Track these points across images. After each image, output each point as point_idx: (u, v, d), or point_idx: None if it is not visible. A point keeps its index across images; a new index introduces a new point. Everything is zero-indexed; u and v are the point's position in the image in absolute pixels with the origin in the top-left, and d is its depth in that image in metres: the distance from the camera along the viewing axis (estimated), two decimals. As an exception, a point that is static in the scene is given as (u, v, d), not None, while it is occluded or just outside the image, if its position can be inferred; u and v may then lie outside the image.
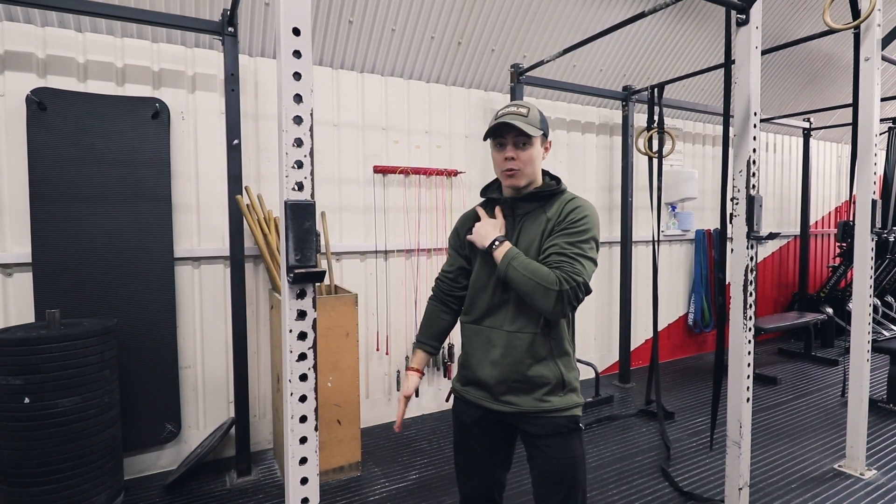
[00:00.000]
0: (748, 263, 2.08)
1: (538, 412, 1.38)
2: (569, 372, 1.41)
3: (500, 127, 1.38)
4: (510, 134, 1.39)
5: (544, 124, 1.43)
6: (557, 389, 1.38)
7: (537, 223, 1.40)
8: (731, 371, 2.14)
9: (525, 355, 1.36)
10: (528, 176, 1.41)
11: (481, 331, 1.43)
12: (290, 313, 1.15)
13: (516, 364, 1.37)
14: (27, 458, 1.93)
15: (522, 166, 1.39)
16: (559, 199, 1.42)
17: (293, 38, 1.13)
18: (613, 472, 2.68)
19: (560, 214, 1.37)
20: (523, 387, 1.38)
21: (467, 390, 1.48)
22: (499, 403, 1.41)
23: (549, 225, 1.38)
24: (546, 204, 1.43)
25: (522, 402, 1.38)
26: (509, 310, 1.39)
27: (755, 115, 2.02)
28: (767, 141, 5.46)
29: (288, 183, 1.13)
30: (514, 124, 1.35)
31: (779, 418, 3.38)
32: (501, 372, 1.38)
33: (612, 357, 4.35)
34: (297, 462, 1.18)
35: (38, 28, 2.40)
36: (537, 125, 1.40)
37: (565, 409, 1.39)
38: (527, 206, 1.44)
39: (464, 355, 1.50)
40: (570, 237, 1.32)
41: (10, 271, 2.39)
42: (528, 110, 1.40)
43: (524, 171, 1.40)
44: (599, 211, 4.23)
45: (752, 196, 2.05)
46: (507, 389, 1.39)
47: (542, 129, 1.41)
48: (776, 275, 5.72)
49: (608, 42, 3.74)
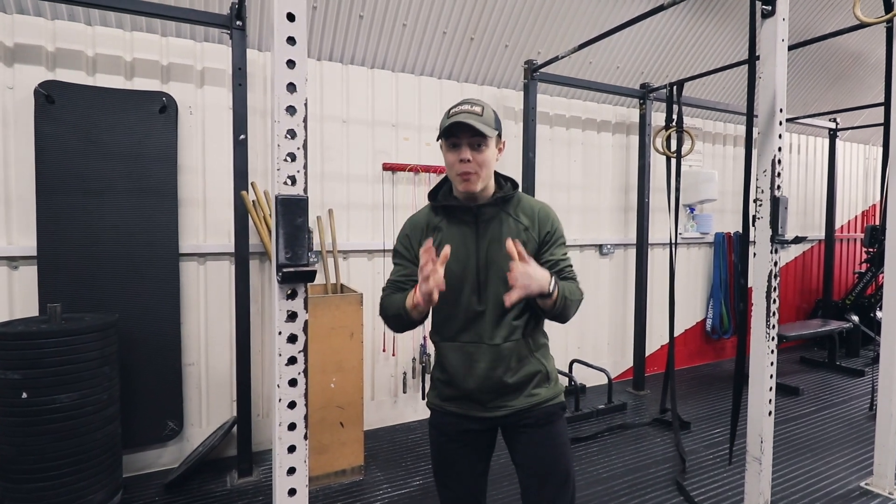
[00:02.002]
0: (772, 268, 1.97)
1: (530, 407, 1.40)
2: (549, 362, 1.46)
3: (455, 126, 1.30)
4: (465, 134, 1.31)
5: (498, 123, 1.38)
6: (543, 381, 1.43)
7: (508, 228, 1.37)
8: (753, 382, 2.03)
9: (510, 360, 1.38)
10: (483, 179, 1.35)
11: (460, 347, 1.39)
12: (279, 314, 1.09)
13: (504, 373, 1.37)
14: (24, 453, 1.91)
15: (478, 169, 1.33)
16: (523, 204, 1.42)
17: (287, 24, 1.07)
18: (625, 485, 2.57)
19: (542, 225, 1.39)
20: (512, 388, 1.39)
21: (449, 404, 1.44)
22: (490, 410, 1.40)
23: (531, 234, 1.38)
24: (506, 206, 1.40)
25: (515, 402, 1.40)
26: (486, 323, 1.36)
27: (781, 111, 1.91)
28: (791, 142, 5.27)
29: (279, 177, 1.07)
30: (468, 123, 1.28)
31: (801, 431, 3.23)
32: (488, 383, 1.37)
33: (626, 363, 4.23)
34: (286, 472, 1.12)
35: (48, 21, 2.39)
36: (492, 125, 1.34)
37: (553, 397, 1.44)
38: (490, 210, 1.39)
39: (441, 373, 1.45)
40: (563, 248, 1.41)
41: (15, 264, 2.38)
42: (482, 108, 1.33)
43: (480, 174, 1.33)
44: (614, 212, 4.14)
45: (777, 197, 1.95)
46: (497, 396, 1.39)
47: (496, 129, 1.36)
48: (799, 280, 5.53)
49: (625, 38, 3.63)
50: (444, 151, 1.36)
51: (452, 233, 1.38)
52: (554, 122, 3.82)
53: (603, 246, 4.09)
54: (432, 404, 1.49)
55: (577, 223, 3.97)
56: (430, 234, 1.40)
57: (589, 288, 4.05)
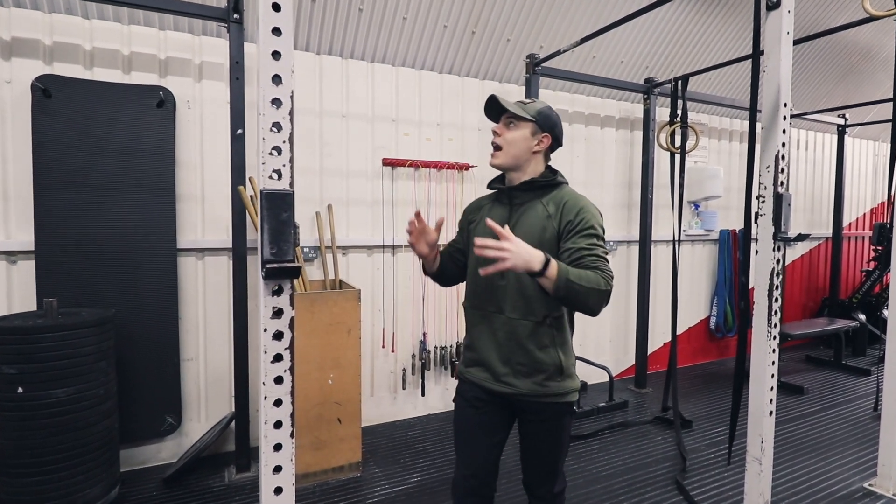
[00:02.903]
0: (774, 266, 1.93)
1: (536, 395, 1.44)
2: (567, 359, 1.47)
3: (492, 103, 1.48)
4: (503, 114, 1.47)
5: (543, 118, 1.46)
6: (556, 375, 1.44)
7: (535, 214, 1.44)
8: (754, 382, 2.00)
9: (527, 342, 1.42)
10: (509, 156, 1.45)
11: (484, 316, 1.49)
12: (264, 311, 1.07)
13: (518, 348, 1.43)
14: (20, 448, 1.91)
15: (505, 145, 1.44)
16: (558, 195, 1.45)
17: (273, 14, 1.05)
18: (625, 483, 2.55)
19: (566, 214, 1.40)
20: (524, 370, 1.43)
21: (471, 371, 1.54)
22: (499, 384, 1.46)
23: (552, 222, 1.41)
24: (543, 195, 1.46)
25: (522, 384, 1.44)
26: (508, 296, 1.43)
27: (785, 105, 1.87)
28: (799, 138, 5.20)
29: (265, 171, 1.05)
30: (497, 100, 1.45)
31: (804, 431, 3.19)
32: (504, 354, 1.45)
33: (629, 360, 4.20)
34: (271, 471, 1.11)
35: (45, 14, 2.38)
36: (532, 113, 1.45)
37: (563, 394, 1.46)
38: (523, 195, 1.48)
39: (468, 338, 1.57)
40: (590, 238, 1.36)
41: (14, 259, 2.38)
42: (531, 103, 1.47)
43: (506, 151, 1.45)
44: (617, 208, 4.09)
45: (781, 194, 1.90)
46: (510, 371, 1.44)
47: (535, 119, 1.45)
48: (805, 278, 5.47)
49: (630, 32, 3.58)
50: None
51: (492, 213, 1.53)
52: (556, 117, 3.77)
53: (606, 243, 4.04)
54: (459, 370, 1.60)
55: (580, 219, 3.92)
56: (479, 214, 1.57)
57: (591, 285, 4.01)
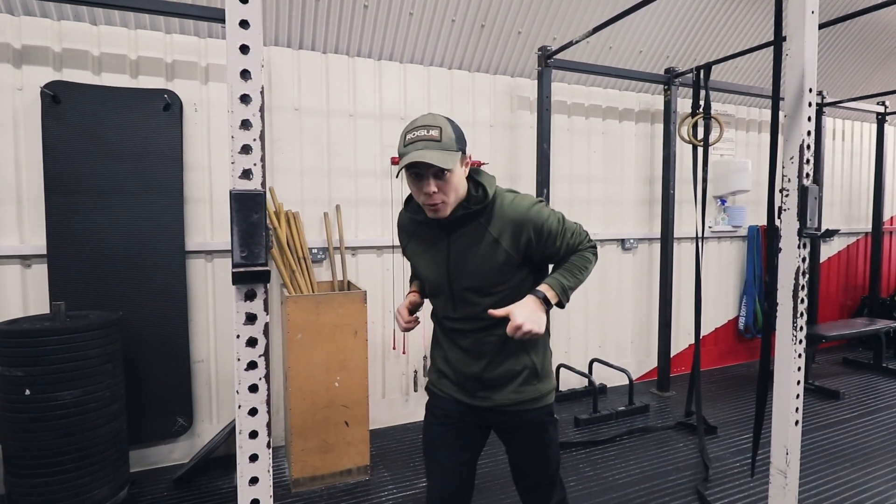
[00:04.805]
0: (799, 265, 1.79)
1: (513, 404, 1.38)
2: (540, 356, 1.40)
3: (415, 164, 1.22)
4: (427, 168, 1.23)
5: (460, 140, 1.28)
6: (531, 378, 1.39)
7: (479, 241, 1.31)
8: (778, 389, 1.86)
9: (494, 353, 1.36)
10: (453, 204, 1.29)
11: (447, 331, 1.43)
12: (237, 316, 1.03)
13: (487, 362, 1.37)
14: (28, 449, 1.94)
15: (446, 198, 1.26)
16: (495, 213, 1.31)
17: (240, 7, 1.00)
18: (642, 492, 2.44)
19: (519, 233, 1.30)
20: (496, 382, 1.38)
21: (442, 383, 1.47)
22: (474, 399, 1.40)
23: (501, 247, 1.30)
24: (479, 216, 1.32)
25: (497, 396, 1.38)
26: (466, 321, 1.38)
27: (810, 91, 1.73)
28: (835, 127, 4.92)
29: (234, 170, 1.00)
30: (427, 162, 1.19)
31: (840, 438, 3.00)
32: (472, 368, 1.38)
33: (651, 363, 4.05)
34: (247, 482, 1.06)
35: (53, 22, 2.41)
36: (454, 147, 1.24)
37: (539, 398, 1.40)
38: (458, 223, 1.33)
39: (435, 350, 1.51)
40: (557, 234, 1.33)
41: (28, 262, 2.43)
42: (440, 131, 1.23)
43: (448, 202, 1.27)
44: (637, 205, 3.95)
45: (806, 186, 1.76)
46: (481, 386, 1.39)
47: (459, 148, 1.26)
48: (843, 276, 5.17)
49: (648, 19, 3.44)
50: (407, 178, 1.29)
51: (424, 243, 1.41)
52: (572, 111, 3.66)
53: (626, 240, 3.91)
54: (429, 382, 1.53)
55: (598, 217, 3.81)
56: (408, 238, 1.47)
57: (611, 284, 3.89)
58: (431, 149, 1.21)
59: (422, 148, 1.21)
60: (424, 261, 1.41)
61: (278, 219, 2.68)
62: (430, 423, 1.47)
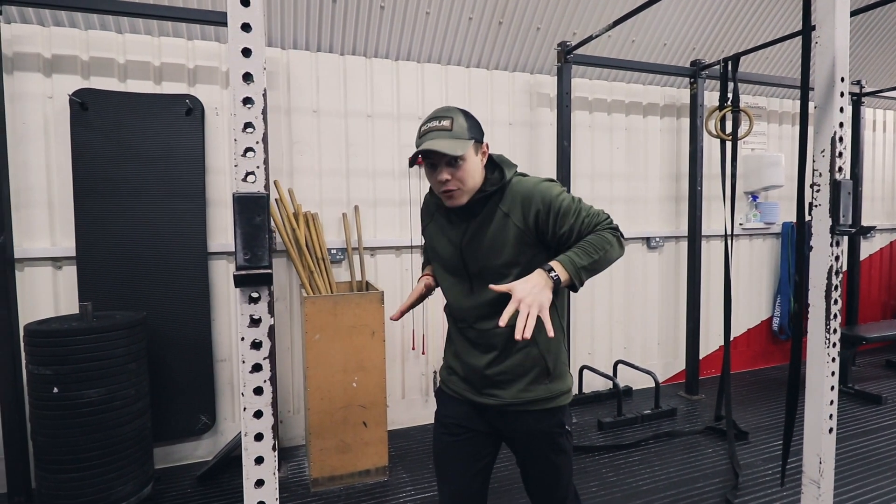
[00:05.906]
0: (832, 264, 1.70)
1: (521, 402, 1.33)
2: (553, 354, 1.35)
3: (425, 153, 1.26)
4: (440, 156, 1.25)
5: (474, 130, 1.29)
6: (542, 377, 1.34)
7: (493, 220, 1.31)
8: (810, 395, 1.76)
9: (503, 346, 1.33)
10: (469, 191, 1.30)
11: (460, 329, 1.41)
12: (241, 319, 1.03)
13: (495, 356, 1.34)
14: (56, 445, 2.01)
15: (461, 185, 1.27)
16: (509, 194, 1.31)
17: (241, 9, 1.00)
18: (667, 499, 2.36)
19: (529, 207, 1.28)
20: (504, 377, 1.34)
21: (451, 380, 1.46)
22: (481, 396, 1.38)
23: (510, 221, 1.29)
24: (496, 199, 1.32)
25: (505, 394, 1.34)
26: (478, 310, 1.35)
27: (842, 81, 1.63)
28: (875, 118, 4.67)
29: (237, 173, 1.00)
30: (437, 151, 1.21)
31: (881, 446, 2.84)
32: (480, 361, 1.36)
33: (679, 364, 3.93)
34: (253, 485, 1.06)
35: (81, 31, 2.49)
36: (466, 135, 1.26)
37: (550, 398, 1.34)
38: (476, 206, 1.34)
39: (447, 347, 1.51)
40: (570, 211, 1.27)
41: (59, 264, 2.52)
42: (451, 121, 1.26)
43: (464, 189, 1.28)
44: (663, 202, 3.84)
45: (839, 181, 1.66)
46: (488, 382, 1.36)
47: (472, 137, 1.27)
48: (886, 274, 4.92)
49: (672, 11, 3.33)
50: (424, 170, 1.32)
51: (442, 223, 1.41)
52: (594, 107, 3.58)
53: (651, 239, 3.80)
54: (441, 377, 1.51)
55: (622, 214, 3.72)
56: (429, 219, 1.48)
57: (637, 284, 3.79)
58: (442, 138, 1.23)
59: (433, 138, 1.24)
60: (443, 242, 1.40)
61: (297, 220, 2.70)
62: (440, 433, 1.45)
